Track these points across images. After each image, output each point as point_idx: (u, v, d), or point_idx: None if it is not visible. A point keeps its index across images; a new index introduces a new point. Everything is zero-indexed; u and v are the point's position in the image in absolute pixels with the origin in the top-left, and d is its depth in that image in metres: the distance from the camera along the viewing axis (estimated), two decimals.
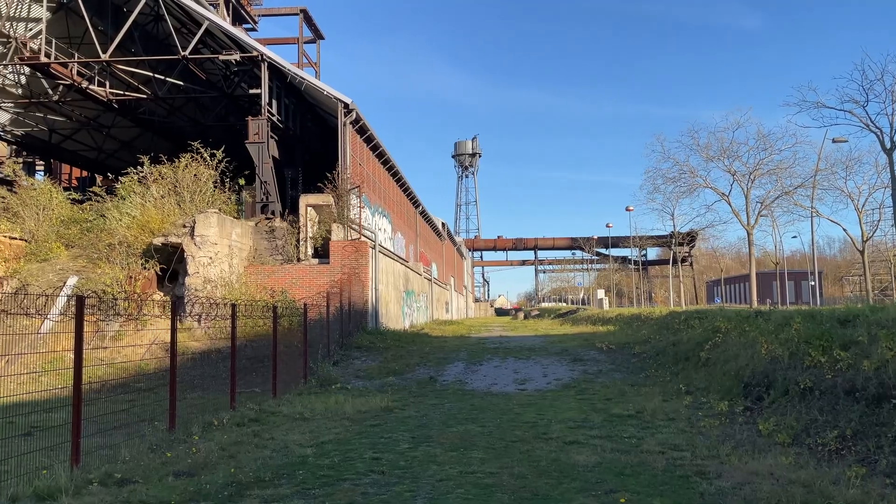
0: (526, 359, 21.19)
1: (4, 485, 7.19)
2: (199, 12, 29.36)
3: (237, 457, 8.80)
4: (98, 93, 32.43)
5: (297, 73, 28.99)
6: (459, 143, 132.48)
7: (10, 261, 23.41)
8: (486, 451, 9.10)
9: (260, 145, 27.37)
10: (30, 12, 31.56)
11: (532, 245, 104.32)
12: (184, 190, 24.78)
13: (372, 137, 31.80)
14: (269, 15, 59.49)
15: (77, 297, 8.44)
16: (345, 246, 25.03)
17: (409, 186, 42.74)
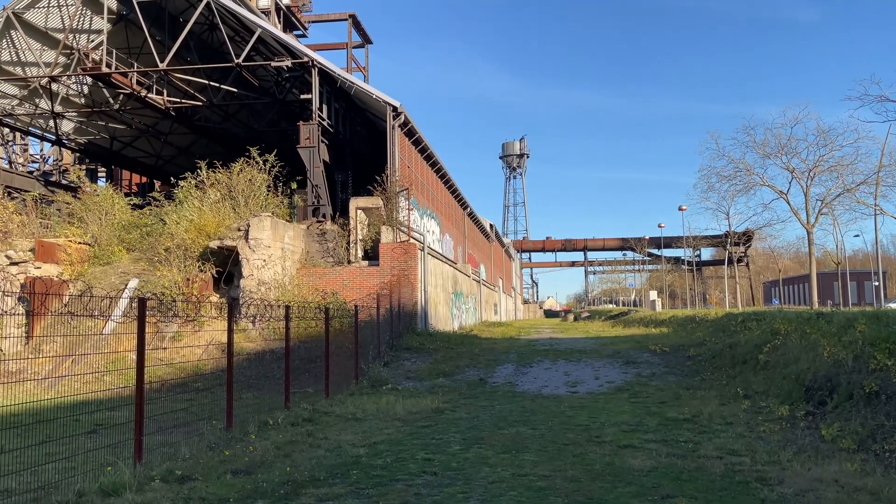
0: (577, 361, 20.96)
1: (71, 480, 7.47)
2: (251, 20, 30.04)
3: (292, 456, 8.95)
4: (156, 101, 33.49)
5: (346, 78, 29.36)
6: (507, 143, 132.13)
7: (76, 264, 24.32)
8: (539, 454, 9.03)
9: (311, 149, 27.81)
10: (91, 24, 32.82)
11: (581, 246, 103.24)
12: (238, 194, 25.36)
13: (420, 140, 31.97)
14: (318, 21, 60.41)
15: (139, 299, 8.71)
16: (394, 248, 25.21)
17: (456, 188, 42.80)
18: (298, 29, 56.46)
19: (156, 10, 32.36)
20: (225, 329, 15.88)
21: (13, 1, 30.62)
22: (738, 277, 58.68)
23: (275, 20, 49.19)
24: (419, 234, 29.12)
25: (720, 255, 79.59)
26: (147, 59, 32.71)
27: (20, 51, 32.41)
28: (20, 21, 30.98)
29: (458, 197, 44.59)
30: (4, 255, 23.16)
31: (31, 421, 10.08)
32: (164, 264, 23.34)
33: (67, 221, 27.10)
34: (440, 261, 33.75)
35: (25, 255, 23.32)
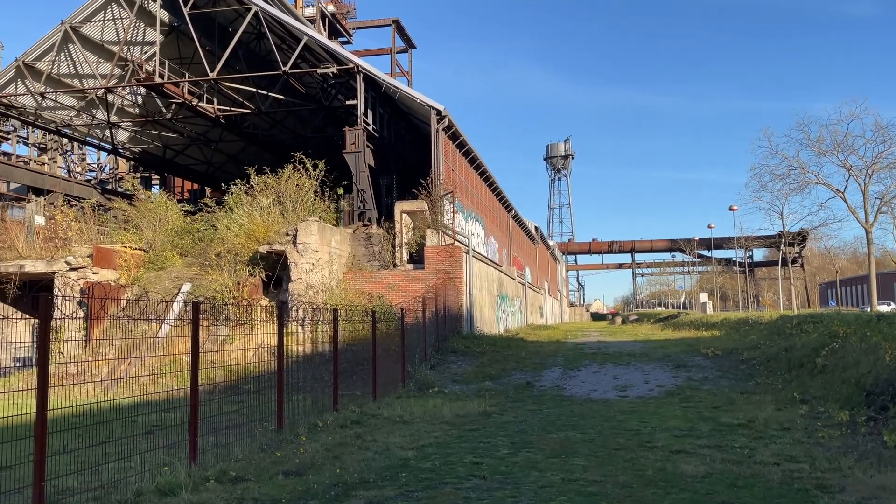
0: (626, 364, 20.63)
1: (129, 480, 7.68)
2: (298, 28, 30.54)
3: (342, 458, 9.03)
4: (207, 109, 34.33)
5: (390, 83, 29.58)
6: (551, 145, 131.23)
7: (132, 269, 25.07)
8: (589, 459, 8.91)
9: (356, 155, 28.09)
10: (145, 36, 33.84)
11: (629, 248, 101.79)
12: (286, 200, 25.78)
13: (464, 143, 31.99)
14: (363, 27, 61.14)
15: (193, 303, 8.91)
16: (439, 251, 25.26)
17: (501, 191, 42.68)
18: (343, 36, 57.24)
19: (206, 21, 33.19)
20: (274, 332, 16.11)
21: (71, 15, 31.79)
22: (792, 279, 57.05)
23: (320, 28, 49.97)
24: (464, 237, 29.13)
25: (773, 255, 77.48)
26: (198, 69, 33.57)
27: (78, 63, 33.61)
28: (77, 35, 32.14)
29: (503, 199, 44.45)
30: (64, 261, 24.01)
31: (91, 422, 10.41)
32: (216, 269, 23.86)
33: (123, 228, 27.96)
34: (485, 264, 33.68)
35: (84, 261, 24.13)
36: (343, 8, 58.24)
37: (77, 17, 31.85)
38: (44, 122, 36.40)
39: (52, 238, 25.84)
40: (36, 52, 32.23)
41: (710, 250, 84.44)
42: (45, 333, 6.49)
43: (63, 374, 18.09)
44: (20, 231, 26.37)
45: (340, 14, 57.15)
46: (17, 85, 32.95)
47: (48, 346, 6.51)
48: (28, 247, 25.22)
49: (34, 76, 32.66)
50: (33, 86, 32.70)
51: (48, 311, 6.47)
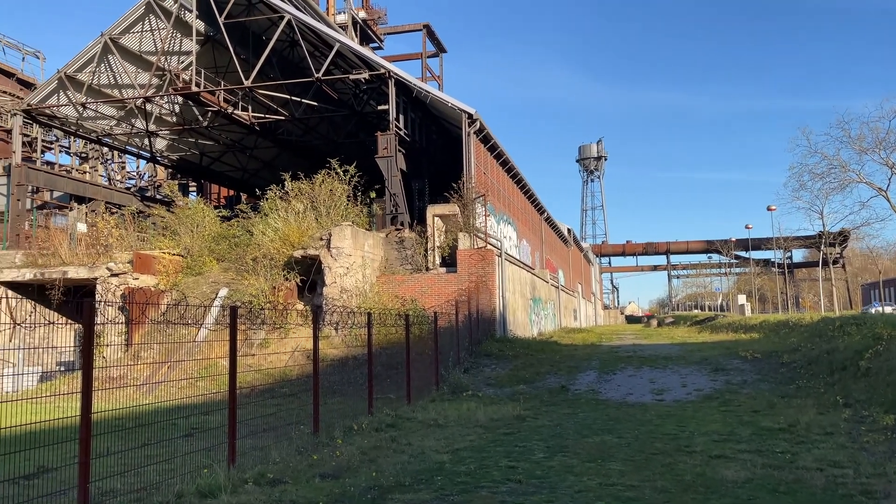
0: (662, 368, 20.36)
1: (170, 482, 7.82)
2: (330, 35, 30.85)
3: (377, 461, 9.07)
4: (242, 117, 34.87)
5: (422, 87, 29.70)
6: (584, 146, 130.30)
7: (170, 275, 25.56)
8: (626, 463, 8.81)
9: (388, 159, 28.25)
10: (181, 46, 34.51)
11: (664, 249, 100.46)
12: (320, 205, 26.04)
13: (496, 146, 31.95)
14: (393, 33, 61.48)
15: (230, 307, 9.05)
16: (471, 254, 25.25)
17: (533, 193, 42.50)
18: (374, 41, 57.66)
19: (240, 30, 33.72)
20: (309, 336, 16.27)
21: (110, 27, 32.57)
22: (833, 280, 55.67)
23: (352, 34, 50.43)
24: (496, 240, 29.07)
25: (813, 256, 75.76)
26: (233, 77, 34.11)
27: (117, 74, 34.42)
28: (116, 46, 32.92)
29: (535, 202, 44.26)
30: (106, 267, 24.59)
31: (133, 424, 10.64)
32: (252, 274, 24.20)
33: (162, 234, 28.53)
34: (518, 266, 33.56)
35: (124, 267, 24.68)
36: (374, 14, 58.69)
37: (116, 28, 32.62)
38: (85, 132, 37.35)
39: (94, 245, 26.47)
40: (77, 63, 33.10)
41: (747, 251, 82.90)
42: (90, 338, 6.65)
43: (105, 377, 18.54)
44: (63, 238, 27.09)
45: (371, 20, 57.59)
46: (59, 96, 33.87)
47: (92, 350, 6.66)
48: (71, 253, 25.88)
49: (75, 87, 33.54)
50: (75, 96, 33.58)
51: (92, 316, 6.63)
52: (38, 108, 33.83)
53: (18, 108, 34.59)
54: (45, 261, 25.76)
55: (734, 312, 63.47)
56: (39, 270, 25.20)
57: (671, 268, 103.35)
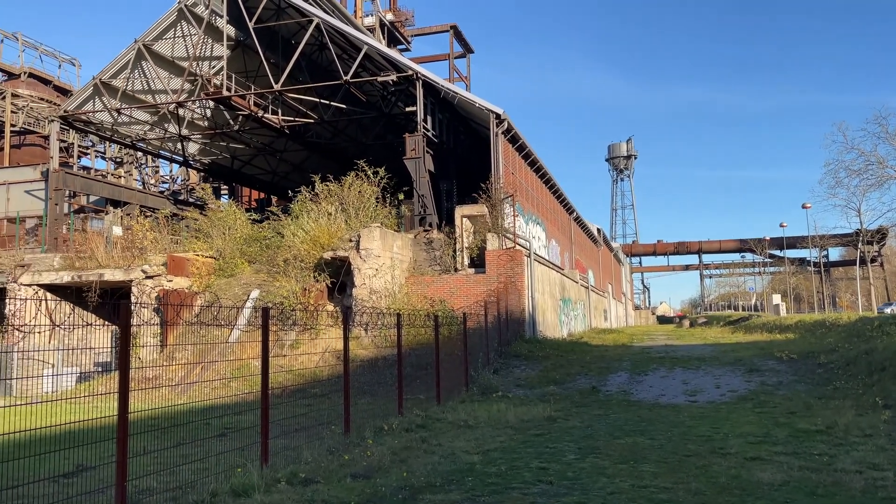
0: (695, 369, 20.08)
1: (205, 481, 7.94)
2: (358, 38, 31.05)
3: (408, 461, 9.09)
4: (272, 120, 35.26)
5: (449, 88, 29.72)
6: (613, 145, 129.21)
7: (203, 277, 25.95)
8: (659, 465, 8.71)
9: (417, 160, 28.32)
10: (212, 51, 35.02)
11: (696, 248, 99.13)
12: (349, 206, 26.21)
13: (524, 146, 31.84)
14: (421, 34, 61.65)
15: (262, 308, 9.15)
16: (500, 255, 25.19)
17: (562, 193, 42.25)
18: (402, 43, 57.88)
19: (270, 35, 34.11)
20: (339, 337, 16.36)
21: (143, 34, 33.19)
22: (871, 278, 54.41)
23: (379, 36, 50.68)
24: (525, 240, 28.96)
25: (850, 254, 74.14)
26: (263, 81, 34.51)
27: (150, 80, 35.06)
28: (150, 52, 33.54)
29: (564, 202, 43.99)
30: (140, 269, 25.05)
31: (168, 424, 10.82)
32: (283, 275, 24.44)
33: (195, 237, 28.98)
34: (547, 267, 33.39)
35: (159, 269, 25.11)
36: (401, 16, 58.92)
37: (149, 35, 33.23)
38: (120, 137, 38.10)
39: (129, 248, 26.98)
40: (112, 69, 33.78)
41: (782, 250, 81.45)
42: (126, 339, 6.77)
43: (141, 378, 18.87)
44: (100, 241, 27.66)
45: (399, 22, 57.83)
46: (94, 102, 34.61)
47: (129, 351, 6.79)
48: (107, 256, 26.41)
49: (110, 93, 34.23)
50: (110, 102, 34.28)
51: (128, 317, 6.75)
52: (75, 114, 34.59)
53: (55, 115, 35.43)
54: (83, 263, 26.33)
55: (769, 312, 62.38)
56: (77, 273, 25.76)
57: (703, 267, 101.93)
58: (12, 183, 36.72)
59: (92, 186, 37.16)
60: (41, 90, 61.44)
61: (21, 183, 36.57)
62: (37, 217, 35.05)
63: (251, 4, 32.26)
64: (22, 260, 26.94)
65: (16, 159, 52.31)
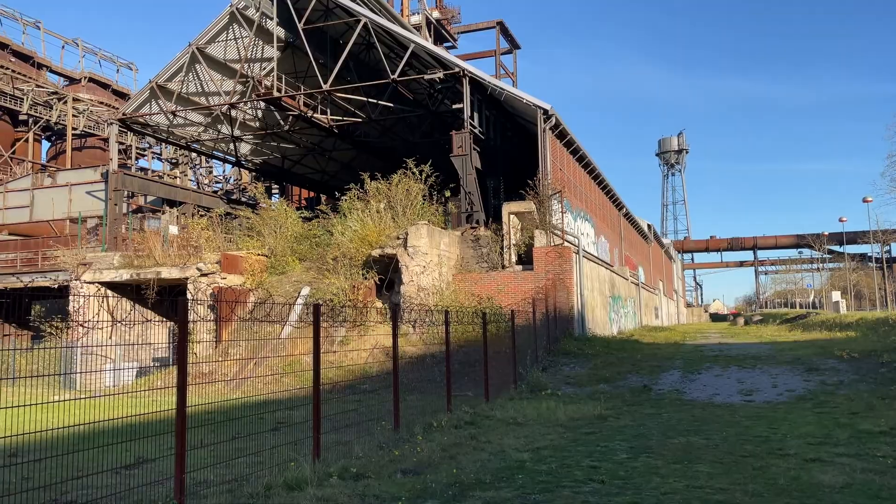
0: (751, 368, 19.56)
1: (259, 474, 8.10)
2: (405, 36, 31.21)
3: (457, 458, 9.10)
4: (321, 120, 35.75)
5: (496, 85, 29.61)
6: (664, 139, 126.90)
7: (256, 274, 26.50)
8: (714, 466, 8.51)
9: (463, 158, 28.31)
10: (263, 53, 35.69)
11: (750, 244, 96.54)
12: (397, 204, 26.38)
13: (572, 141, 31.50)
14: (467, 31, 61.59)
15: (314, 305, 9.27)
16: (548, 252, 24.99)
17: (611, 188, 41.67)
18: (448, 41, 57.93)
19: (318, 35, 34.56)
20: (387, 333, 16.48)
21: (197, 37, 34.04)
22: None
23: (426, 34, 50.83)
24: (573, 237, 28.66)
25: None
26: (312, 82, 35.02)
27: (204, 82, 35.94)
28: (203, 55, 34.37)
29: (613, 197, 43.39)
30: (196, 267, 25.71)
31: (223, 419, 11.08)
32: (332, 273, 24.76)
33: (247, 235, 29.60)
34: (596, 264, 32.99)
35: (213, 267, 25.74)
36: (447, 13, 58.97)
37: (202, 38, 34.05)
38: (175, 139, 39.18)
39: (185, 246, 27.73)
40: (167, 73, 34.75)
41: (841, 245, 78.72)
42: (184, 335, 6.95)
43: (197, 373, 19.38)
44: (157, 240, 28.50)
45: (445, 20, 57.90)
46: (151, 105, 35.67)
47: (186, 346, 6.96)
48: (164, 255, 27.20)
49: (166, 96, 35.22)
50: (165, 105, 35.27)
51: (186, 314, 6.92)
52: (132, 116, 35.71)
53: (114, 118, 36.65)
54: (141, 262, 27.17)
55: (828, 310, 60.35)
56: (135, 271, 26.60)
57: (758, 264, 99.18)
58: (74, 184, 38.18)
59: (149, 187, 38.33)
60: (100, 94, 63.71)
61: (82, 184, 38.00)
62: (97, 217, 36.36)
63: (300, 6, 32.75)
64: (84, 258, 27.96)
65: (77, 161, 54.39)
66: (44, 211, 39.06)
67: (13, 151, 52.60)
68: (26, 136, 54.42)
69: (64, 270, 30.23)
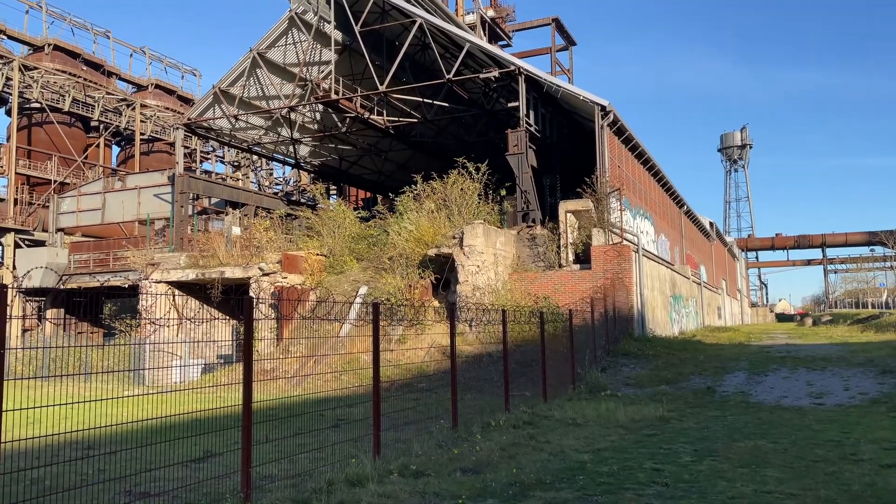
0: (821, 370, 18.83)
1: (321, 470, 8.24)
2: (460, 36, 31.25)
3: (516, 458, 9.06)
4: (377, 121, 36.13)
5: (552, 82, 29.35)
6: (726, 135, 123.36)
7: (315, 274, 27.00)
8: (783, 470, 8.22)
9: (519, 156, 28.16)
10: (321, 56, 36.30)
11: (819, 242, 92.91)
12: (452, 204, 26.44)
13: (630, 138, 30.96)
14: (522, 29, 61.23)
15: (373, 303, 9.37)
16: (606, 250, 24.62)
17: (671, 185, 40.77)
18: (503, 39, 57.73)
19: (374, 37, 34.94)
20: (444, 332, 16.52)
21: (257, 43, 34.87)
22: None
23: (480, 33, 50.77)
24: (632, 235, 28.16)
25: None
26: (368, 84, 35.43)
27: (264, 86, 36.80)
28: (263, 60, 35.20)
29: (673, 194, 42.44)
30: (258, 267, 26.36)
31: (285, 415, 11.32)
32: (389, 272, 25.00)
33: (307, 235, 30.18)
34: (656, 262, 32.34)
35: (274, 267, 26.34)
36: (502, 11, 58.75)
37: (263, 43, 34.87)
38: (237, 142, 40.25)
39: (247, 247, 28.47)
40: (229, 78, 35.71)
41: None
42: (250, 333, 7.12)
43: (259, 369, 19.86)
44: (221, 241, 29.35)
45: (500, 18, 57.68)
46: (214, 109, 36.73)
47: (252, 343, 7.13)
48: (227, 255, 27.99)
49: (228, 100, 36.21)
50: (228, 109, 36.26)
51: (251, 312, 7.09)
52: (197, 121, 36.84)
53: (180, 123, 37.90)
54: (206, 262, 28.02)
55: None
56: (201, 271, 27.45)
57: (828, 262, 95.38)
58: (143, 187, 39.63)
59: (213, 189, 39.48)
60: (166, 100, 66.03)
61: (150, 187, 39.40)
62: (164, 219, 37.66)
63: (357, 8, 33.17)
64: (152, 259, 29.02)
65: (145, 165, 56.50)
66: (114, 213, 40.69)
67: (86, 156, 54.98)
68: (97, 142, 56.82)
69: (134, 270, 31.46)
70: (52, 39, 58.35)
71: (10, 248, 42.01)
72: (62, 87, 53.57)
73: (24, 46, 58.31)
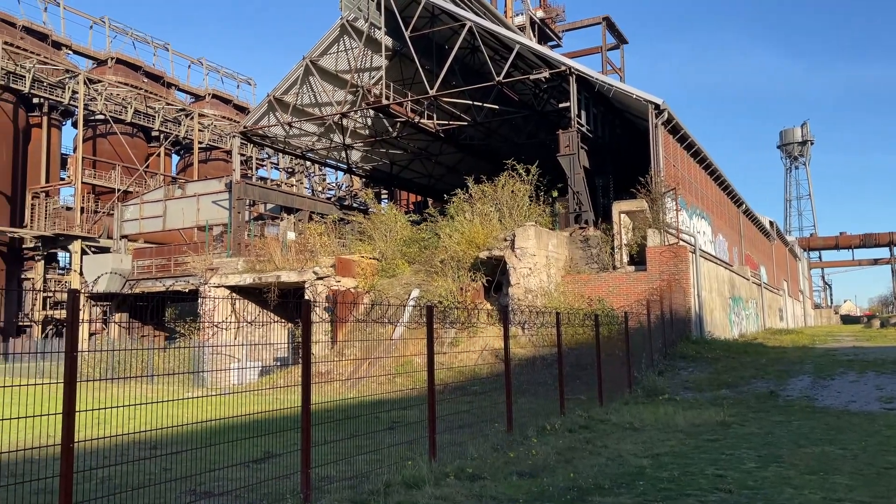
0: (891, 373, 18.04)
1: (378, 472, 8.29)
2: (509, 37, 31.15)
3: (573, 462, 8.95)
4: (427, 125, 36.31)
5: (604, 81, 28.96)
6: (786, 131, 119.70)
7: (368, 277, 27.28)
8: (853, 477, 7.90)
9: (571, 157, 27.87)
10: (371, 62, 36.70)
11: (886, 241, 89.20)
12: (503, 206, 26.34)
13: (686, 136, 30.30)
14: (572, 29, 60.65)
15: (427, 306, 9.40)
16: (662, 252, 24.14)
17: (728, 184, 39.72)
18: (553, 39, 57.32)
19: (424, 42, 35.14)
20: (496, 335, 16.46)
21: (310, 51, 35.48)
22: None
23: (529, 34, 50.52)
24: (689, 235, 27.54)
25: None
26: (418, 88, 35.65)
27: (317, 93, 37.42)
28: (315, 67, 35.79)
29: (731, 193, 41.34)
30: (312, 271, 26.79)
31: (341, 417, 11.45)
32: (440, 275, 25.06)
33: (359, 239, 30.53)
34: (714, 263, 31.55)
35: (328, 271, 26.72)
36: (552, 12, 58.34)
37: (315, 51, 35.47)
38: (291, 149, 41.03)
39: (302, 251, 28.96)
40: (283, 86, 36.45)
41: None
42: (308, 335, 7.23)
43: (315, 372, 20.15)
44: (276, 246, 29.95)
45: (549, 18, 57.30)
46: (269, 117, 37.53)
47: (310, 346, 7.24)
48: (283, 259, 28.53)
49: (282, 108, 36.95)
50: (282, 117, 37.00)
51: (309, 315, 7.20)
52: (252, 129, 37.70)
53: (236, 131, 38.85)
54: (262, 266, 28.63)
55: None
56: (257, 275, 28.06)
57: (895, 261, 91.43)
58: (201, 195, 40.79)
59: (268, 195, 40.32)
60: (223, 109, 67.89)
61: (208, 194, 40.53)
62: (222, 225, 38.67)
63: (407, 14, 33.41)
64: (211, 264, 29.80)
65: (203, 173, 58.15)
66: (175, 220, 41.98)
67: (147, 165, 56.93)
68: (158, 151, 58.77)
69: (194, 275, 32.38)
70: (115, 53, 60.71)
71: (78, 254, 43.83)
72: (124, 99, 55.62)
73: (89, 60, 60.83)
